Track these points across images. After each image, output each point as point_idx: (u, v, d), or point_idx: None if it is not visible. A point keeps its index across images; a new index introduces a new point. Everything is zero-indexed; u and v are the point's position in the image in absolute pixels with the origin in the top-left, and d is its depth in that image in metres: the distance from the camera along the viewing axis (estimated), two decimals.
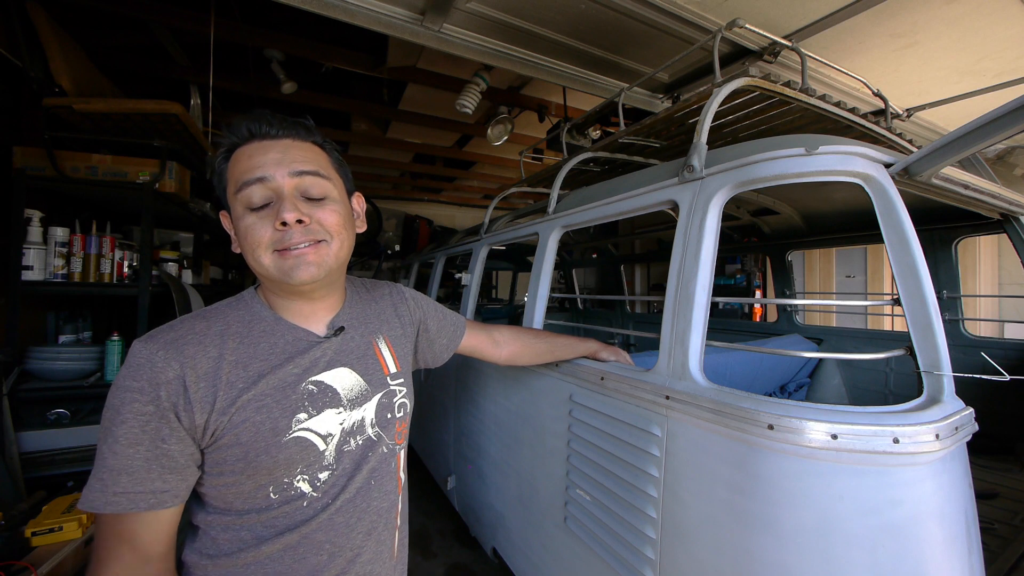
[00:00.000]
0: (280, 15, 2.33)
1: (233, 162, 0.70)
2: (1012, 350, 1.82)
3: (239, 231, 0.70)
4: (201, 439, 0.65)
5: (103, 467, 0.60)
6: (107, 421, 0.61)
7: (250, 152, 0.69)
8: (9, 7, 1.82)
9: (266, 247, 0.68)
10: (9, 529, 1.48)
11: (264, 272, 0.70)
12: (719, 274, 5.20)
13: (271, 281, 0.72)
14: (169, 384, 0.62)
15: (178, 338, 0.66)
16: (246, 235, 0.68)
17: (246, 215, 0.68)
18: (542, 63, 2.13)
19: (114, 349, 2.02)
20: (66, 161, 1.92)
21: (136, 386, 0.61)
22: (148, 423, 0.61)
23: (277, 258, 0.68)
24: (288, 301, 0.77)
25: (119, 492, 0.59)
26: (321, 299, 0.80)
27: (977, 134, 0.77)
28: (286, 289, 0.74)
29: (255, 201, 0.68)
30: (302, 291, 0.74)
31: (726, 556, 0.85)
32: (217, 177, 0.74)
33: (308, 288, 0.73)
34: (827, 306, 3.09)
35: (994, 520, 1.39)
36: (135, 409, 0.61)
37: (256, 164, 0.68)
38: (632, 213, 1.24)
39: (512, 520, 1.58)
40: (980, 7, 1.70)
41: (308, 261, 0.69)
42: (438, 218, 6.41)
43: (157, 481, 0.61)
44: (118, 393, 0.61)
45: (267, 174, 0.68)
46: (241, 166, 0.69)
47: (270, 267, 0.68)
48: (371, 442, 0.79)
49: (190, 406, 0.63)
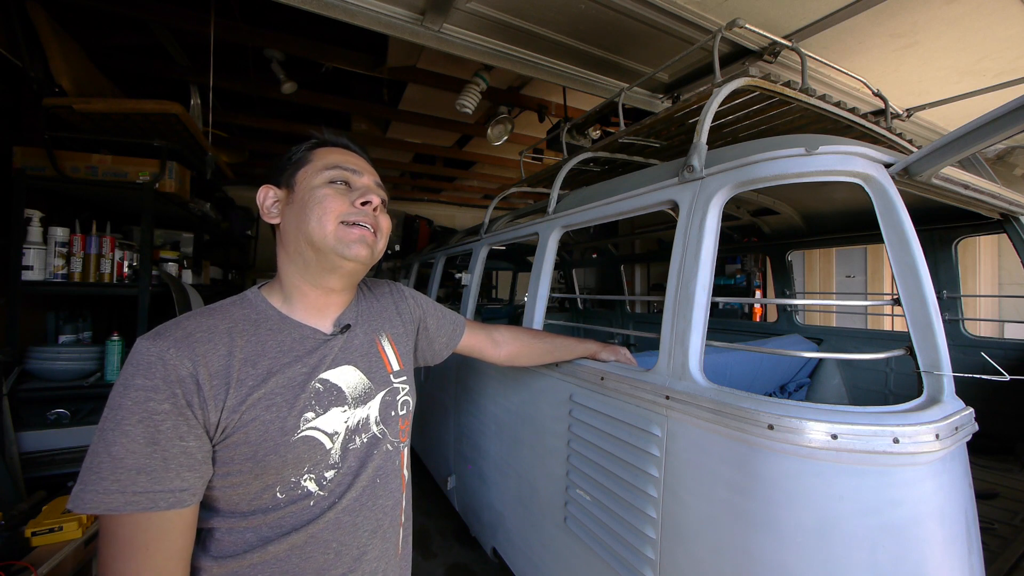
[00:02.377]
0: (280, 15, 2.33)
1: (322, 152, 0.80)
2: (1012, 350, 1.82)
3: (310, 199, 0.74)
4: (213, 435, 0.65)
5: (118, 467, 0.57)
6: (116, 421, 0.59)
7: (343, 152, 0.81)
8: (9, 7, 1.81)
9: (336, 216, 0.74)
10: (9, 529, 1.48)
11: (321, 239, 0.73)
12: (719, 274, 5.20)
13: (321, 251, 0.74)
14: (183, 381, 0.62)
15: (188, 335, 0.65)
16: (321, 201, 0.74)
17: (324, 187, 0.75)
18: (542, 63, 2.13)
19: (114, 349, 2.01)
20: (66, 161, 1.92)
21: (150, 384, 0.60)
22: (164, 421, 0.60)
23: (343, 228, 0.74)
24: (307, 287, 0.78)
25: (139, 492, 0.58)
26: (339, 292, 0.82)
27: (977, 134, 0.77)
28: (328, 264, 0.76)
29: (340, 179, 0.77)
30: (342, 269, 0.76)
31: (726, 556, 0.85)
32: (296, 155, 0.81)
33: (351, 267, 0.77)
34: (827, 306, 3.09)
35: (994, 520, 1.38)
36: (150, 408, 0.60)
37: (351, 162, 0.80)
38: (632, 213, 1.24)
39: (512, 520, 1.58)
40: (980, 7, 1.70)
41: (367, 242, 0.76)
42: (438, 218, 6.41)
43: (176, 480, 0.60)
44: (129, 392, 0.60)
45: (360, 170, 0.80)
46: (335, 157, 0.79)
47: (331, 235, 0.73)
48: (375, 440, 0.80)
49: (204, 403, 0.63)
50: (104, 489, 0.57)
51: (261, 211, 0.79)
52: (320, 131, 0.85)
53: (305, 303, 0.78)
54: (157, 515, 0.59)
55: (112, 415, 0.59)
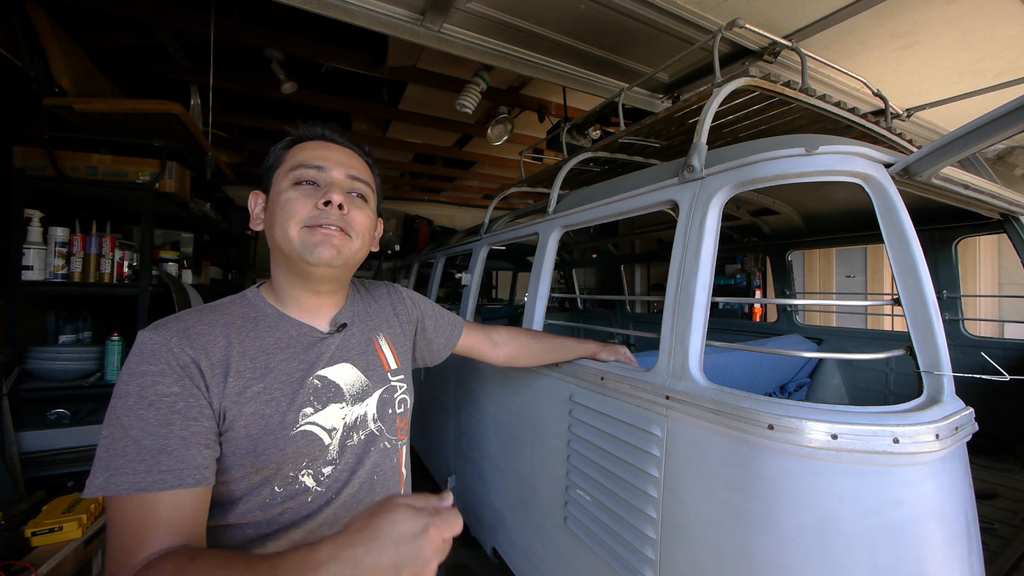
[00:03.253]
0: (280, 15, 2.33)
1: (296, 150, 0.77)
2: (1012, 350, 1.82)
3: (276, 204, 0.73)
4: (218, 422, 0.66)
5: (141, 449, 0.57)
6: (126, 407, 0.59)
7: (316, 146, 0.77)
8: (9, 7, 1.81)
9: (299, 221, 0.72)
10: (9, 529, 1.48)
11: (287, 246, 0.72)
12: (719, 274, 5.20)
13: (290, 258, 0.73)
14: (187, 367, 0.63)
15: (188, 327, 0.66)
16: (284, 206, 0.72)
17: (289, 190, 0.73)
18: (542, 63, 2.13)
19: (114, 349, 2.01)
20: (66, 161, 1.92)
21: (156, 369, 0.61)
22: (175, 403, 0.61)
23: (306, 233, 0.72)
24: (295, 291, 0.78)
25: (163, 471, 0.57)
26: (327, 294, 0.81)
27: (977, 134, 0.77)
28: (299, 271, 0.75)
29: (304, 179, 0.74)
30: (313, 275, 0.75)
31: (726, 556, 0.85)
32: (272, 158, 0.79)
33: (321, 272, 0.75)
34: (827, 306, 3.09)
35: (994, 520, 1.38)
36: (160, 391, 0.60)
37: (320, 155, 0.76)
38: (632, 213, 1.24)
39: (512, 520, 1.58)
40: (980, 7, 1.70)
41: (333, 243, 0.72)
42: (438, 218, 6.40)
43: (198, 457, 0.61)
44: (136, 379, 0.60)
45: (326, 165, 0.75)
46: (305, 153, 0.76)
47: (295, 240, 0.71)
48: (373, 437, 0.80)
49: (208, 389, 0.64)
50: (131, 471, 0.56)
51: (251, 218, 0.79)
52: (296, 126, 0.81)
53: (297, 304, 0.79)
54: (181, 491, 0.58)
55: (123, 403, 0.59)
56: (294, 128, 0.81)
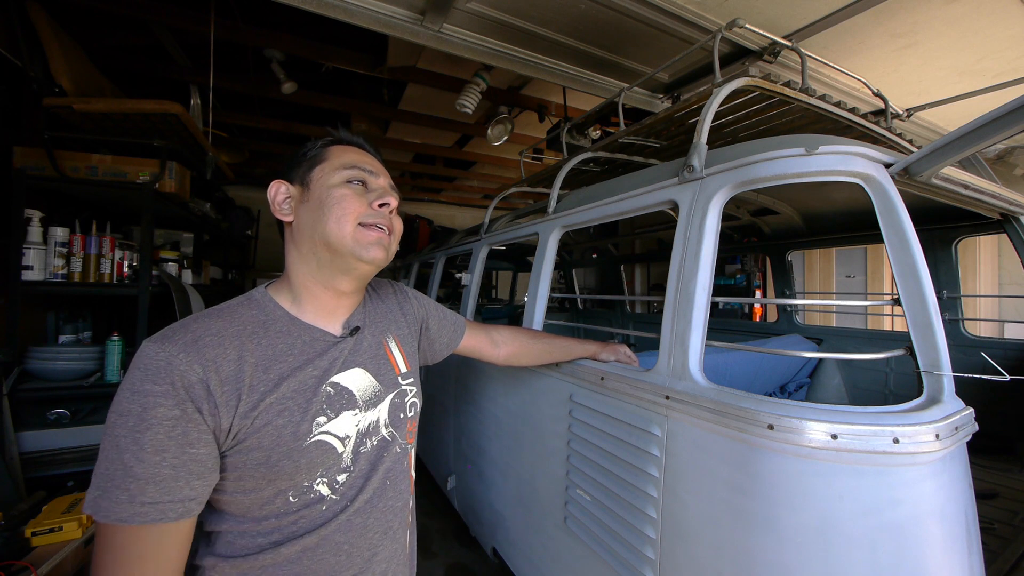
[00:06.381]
0: (280, 15, 2.33)
1: (339, 151, 0.79)
2: (1012, 350, 1.82)
3: (328, 198, 0.74)
4: (223, 442, 0.63)
5: (128, 476, 0.56)
6: (126, 427, 0.57)
7: (358, 152, 0.81)
8: (9, 7, 1.81)
9: (356, 217, 0.74)
10: (9, 529, 1.48)
11: (339, 240, 0.72)
12: (719, 274, 5.20)
13: (338, 253, 0.73)
14: (193, 387, 0.60)
15: (197, 339, 0.63)
16: (340, 201, 0.73)
17: (342, 187, 0.75)
18: (542, 63, 2.13)
19: (114, 349, 2.01)
20: (66, 161, 1.92)
21: (159, 390, 0.58)
22: (174, 428, 0.58)
23: (360, 230, 0.74)
24: (319, 289, 0.77)
25: (147, 503, 0.56)
26: (350, 294, 0.81)
27: (977, 134, 0.77)
28: (343, 266, 0.75)
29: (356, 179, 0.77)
30: (357, 272, 0.76)
31: (726, 556, 0.85)
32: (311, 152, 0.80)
33: (365, 270, 0.77)
34: (827, 306, 3.09)
35: (994, 520, 1.38)
36: (160, 414, 0.58)
37: (367, 162, 0.80)
38: (632, 213, 1.24)
39: (512, 520, 1.58)
40: (980, 7, 1.70)
41: (383, 244, 0.76)
42: (438, 218, 6.40)
43: (185, 489, 0.59)
44: (137, 398, 0.58)
45: (376, 171, 0.80)
46: (350, 156, 0.79)
47: (349, 236, 0.73)
48: (385, 442, 0.80)
49: (216, 409, 0.61)
50: (115, 499, 0.56)
51: (272, 207, 0.77)
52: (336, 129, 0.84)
53: (315, 304, 0.77)
54: (163, 525, 0.58)
55: (121, 421, 0.58)
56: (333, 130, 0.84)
